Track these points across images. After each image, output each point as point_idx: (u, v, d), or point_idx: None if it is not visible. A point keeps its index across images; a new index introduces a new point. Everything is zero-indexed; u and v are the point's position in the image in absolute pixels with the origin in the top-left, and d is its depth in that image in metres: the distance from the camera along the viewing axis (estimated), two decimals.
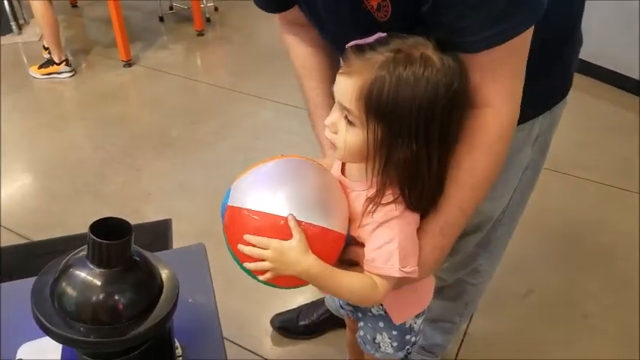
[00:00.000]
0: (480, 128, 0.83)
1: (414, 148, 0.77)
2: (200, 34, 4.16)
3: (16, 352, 0.88)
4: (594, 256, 2.14)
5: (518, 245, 2.09)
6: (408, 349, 1.12)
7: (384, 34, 0.78)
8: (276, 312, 1.82)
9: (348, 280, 0.86)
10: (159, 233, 1.97)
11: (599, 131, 2.92)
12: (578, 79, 1.15)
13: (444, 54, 0.77)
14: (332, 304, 1.73)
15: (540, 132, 1.11)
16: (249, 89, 3.36)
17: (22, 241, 2.20)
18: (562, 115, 1.15)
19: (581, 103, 2.91)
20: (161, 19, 4.41)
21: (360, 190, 0.86)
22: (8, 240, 2.20)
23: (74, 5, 4.68)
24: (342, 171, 0.92)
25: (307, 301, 1.85)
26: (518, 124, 0.87)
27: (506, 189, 1.17)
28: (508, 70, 0.81)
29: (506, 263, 1.47)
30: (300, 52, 1.10)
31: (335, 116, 0.82)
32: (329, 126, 0.83)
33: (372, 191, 0.83)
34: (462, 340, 1.79)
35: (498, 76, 0.81)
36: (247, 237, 0.82)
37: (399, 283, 0.89)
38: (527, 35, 0.78)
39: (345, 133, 0.81)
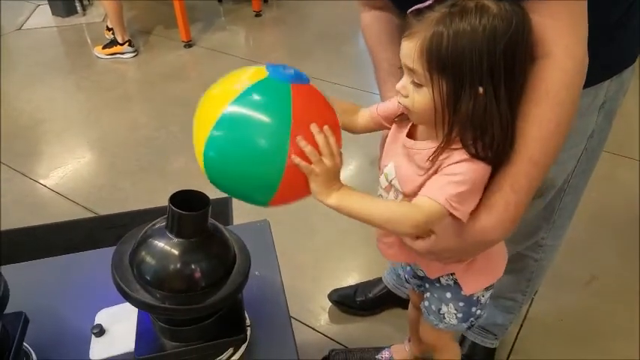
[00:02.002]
0: (543, 79, 0.82)
1: (480, 96, 0.78)
2: (257, 14, 4.19)
3: (94, 318, 0.92)
4: None
5: (583, 231, 2.05)
6: (472, 321, 1.12)
7: None
8: (333, 288, 1.85)
9: (384, 202, 0.86)
10: (219, 210, 2.03)
11: None
12: None
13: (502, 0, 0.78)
14: (391, 280, 1.74)
15: (607, 98, 1.08)
16: (305, 69, 3.31)
17: (89, 214, 2.30)
18: (631, 89, 1.12)
19: None
20: (219, 0, 4.47)
21: (428, 149, 0.86)
22: (76, 214, 2.29)
23: None
24: (409, 135, 0.92)
25: (364, 280, 1.87)
26: (583, 88, 0.85)
27: (570, 154, 1.14)
28: (566, 13, 0.80)
29: (570, 249, 1.43)
30: (376, 28, 1.12)
31: (404, 80, 0.84)
32: (400, 90, 0.84)
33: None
34: (522, 325, 1.76)
35: (557, 21, 0.80)
36: (318, 129, 0.79)
37: (465, 252, 0.90)
38: None
39: (413, 95, 0.82)
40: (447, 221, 0.86)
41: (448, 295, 1.08)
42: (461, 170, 0.82)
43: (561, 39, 0.80)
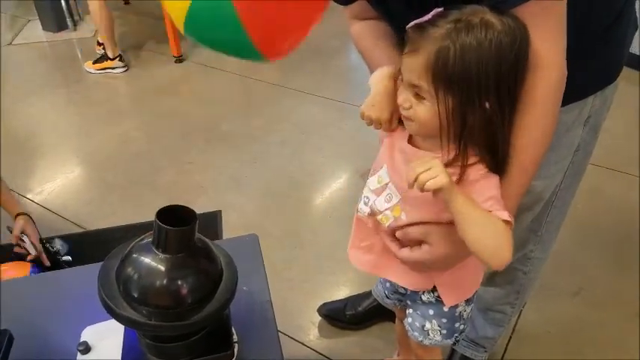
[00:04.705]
0: (530, 89, 0.84)
1: (487, 110, 0.80)
2: None
3: (79, 335, 0.91)
4: None
5: (570, 243, 2.06)
6: (457, 336, 1.12)
7: (440, 9, 0.81)
8: (322, 302, 1.84)
9: (488, 215, 0.84)
10: (209, 224, 2.02)
11: None
12: (632, 73, 1.13)
13: (503, 15, 0.79)
14: (379, 293, 1.75)
15: (592, 113, 1.11)
16: (297, 85, 3.38)
17: (78, 230, 2.28)
18: (615, 104, 1.15)
19: (633, 99, 2.84)
20: None
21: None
22: (64, 229, 2.27)
23: (127, 2, 4.80)
24: (409, 141, 0.93)
25: (354, 293, 1.86)
26: (569, 104, 0.90)
27: (557, 168, 1.16)
28: (551, 24, 0.82)
29: (558, 261, 1.44)
30: (369, 31, 1.11)
31: (405, 94, 0.85)
32: (401, 103, 0.86)
33: (447, 159, 0.85)
34: (511, 336, 1.77)
35: (541, 32, 0.82)
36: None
37: (457, 258, 0.92)
38: None
39: (416, 108, 0.84)
40: (443, 229, 0.88)
41: (431, 312, 1.09)
42: (489, 186, 0.85)
43: (546, 49, 0.83)
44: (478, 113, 0.80)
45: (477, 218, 0.82)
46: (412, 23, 0.82)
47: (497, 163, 0.86)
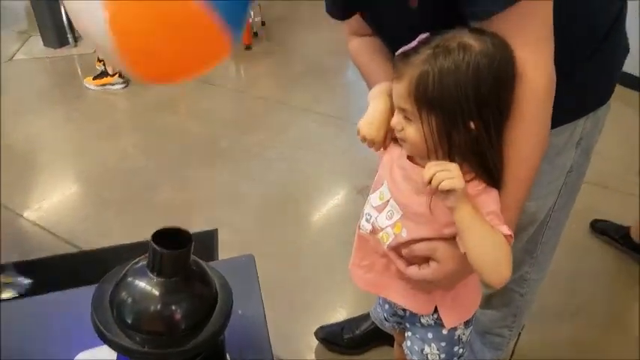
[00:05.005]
0: (516, 99, 0.85)
1: (471, 130, 0.82)
2: (247, 48, 4.22)
3: None
4: None
5: (569, 264, 2.05)
6: None
7: (425, 35, 0.85)
8: (320, 325, 1.82)
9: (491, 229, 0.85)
10: (205, 243, 2.02)
11: None
12: (626, 92, 1.14)
13: (483, 35, 0.82)
14: (378, 316, 1.73)
15: (583, 135, 1.11)
16: (294, 101, 3.40)
17: (73, 249, 2.26)
18: (608, 126, 1.16)
19: (631, 120, 2.84)
20: None
21: None
22: (59, 248, 2.26)
23: None
24: (409, 157, 0.94)
25: (352, 316, 1.85)
26: (559, 126, 0.92)
27: (550, 189, 1.17)
28: (531, 29, 0.83)
29: (556, 281, 1.44)
30: (367, 47, 1.13)
31: (397, 117, 0.89)
32: (394, 125, 0.90)
33: None
34: (510, 359, 1.75)
35: (522, 38, 0.83)
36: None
37: (462, 274, 0.93)
38: None
39: (407, 129, 0.87)
40: (449, 246, 0.89)
41: (430, 335, 1.08)
42: (489, 201, 0.87)
43: (529, 59, 0.83)
44: (463, 134, 0.83)
45: (481, 230, 0.84)
46: (399, 51, 0.86)
47: (492, 178, 0.87)
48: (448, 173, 0.80)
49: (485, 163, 0.86)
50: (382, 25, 1.04)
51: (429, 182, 0.81)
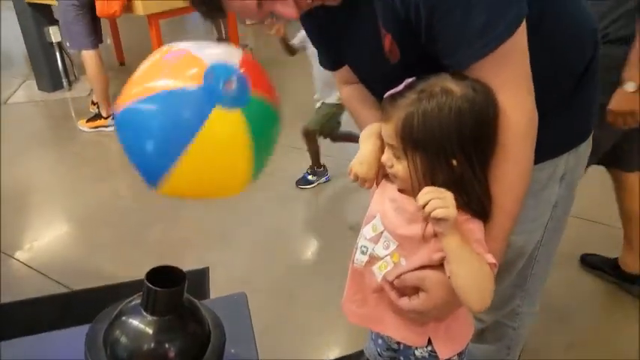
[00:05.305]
0: (501, 138, 0.89)
1: (454, 168, 0.88)
2: None
3: None
4: None
5: (560, 297, 2.05)
6: None
7: (411, 80, 0.91)
8: None
9: (477, 257, 0.89)
10: (196, 282, 2.00)
11: None
12: None
13: (465, 80, 0.87)
14: (371, 351, 1.72)
15: (567, 170, 1.14)
16: (287, 141, 3.39)
17: (63, 290, 2.24)
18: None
19: None
20: None
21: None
22: (50, 289, 2.24)
23: (122, 64, 4.92)
24: (401, 190, 0.98)
25: (344, 354, 1.84)
26: (542, 162, 0.98)
27: (536, 224, 1.19)
28: (508, 71, 0.88)
29: (548, 315, 1.44)
30: (359, 94, 1.18)
31: (387, 154, 0.95)
32: (385, 162, 0.95)
33: None
34: None
35: (500, 81, 0.88)
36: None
37: (452, 305, 0.95)
38: (517, 41, 0.85)
39: (396, 166, 0.93)
40: (438, 275, 0.92)
41: None
42: (473, 230, 0.91)
43: (508, 100, 0.88)
44: (446, 171, 0.88)
45: (469, 258, 0.88)
46: (387, 94, 0.92)
47: (477, 212, 0.91)
48: (442, 202, 0.84)
49: (471, 197, 0.90)
50: (365, 77, 1.12)
51: (423, 207, 0.84)
